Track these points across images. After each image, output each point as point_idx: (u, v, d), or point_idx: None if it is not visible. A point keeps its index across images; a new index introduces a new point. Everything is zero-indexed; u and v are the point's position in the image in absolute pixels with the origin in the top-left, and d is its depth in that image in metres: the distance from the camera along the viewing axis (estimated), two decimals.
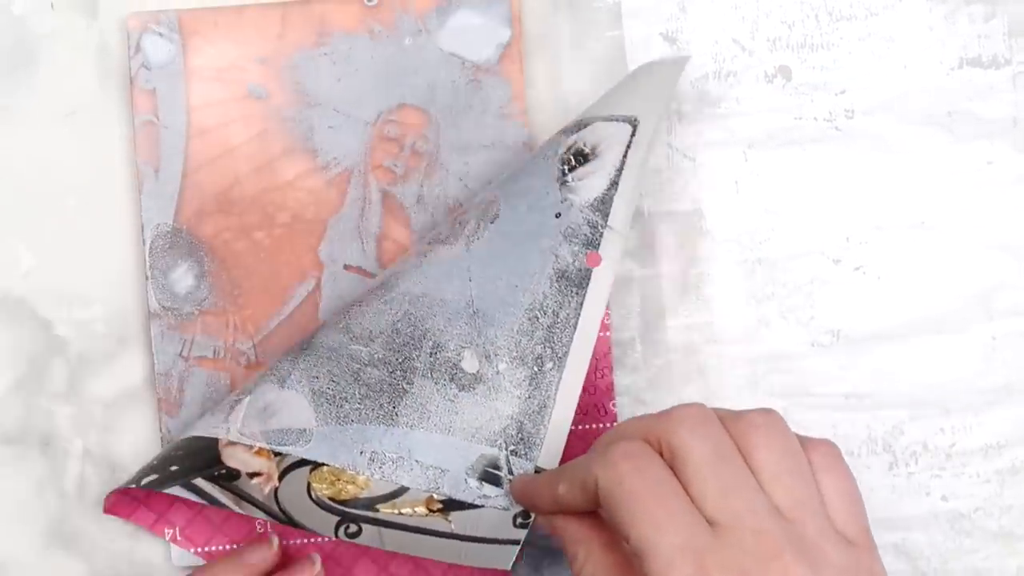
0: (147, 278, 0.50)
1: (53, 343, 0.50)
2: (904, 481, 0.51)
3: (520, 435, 0.45)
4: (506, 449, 0.45)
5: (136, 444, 0.50)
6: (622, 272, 0.51)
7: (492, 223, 0.46)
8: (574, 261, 0.46)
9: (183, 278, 0.50)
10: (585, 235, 0.46)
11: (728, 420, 0.38)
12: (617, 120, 0.47)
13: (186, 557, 0.49)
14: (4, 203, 0.50)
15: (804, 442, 0.39)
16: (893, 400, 0.51)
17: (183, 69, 0.50)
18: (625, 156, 0.46)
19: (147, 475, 0.45)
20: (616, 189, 0.46)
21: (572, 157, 0.47)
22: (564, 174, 0.46)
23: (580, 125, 0.47)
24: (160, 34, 0.50)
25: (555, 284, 0.46)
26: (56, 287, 0.50)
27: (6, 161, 0.50)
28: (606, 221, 0.46)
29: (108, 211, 0.50)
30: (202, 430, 0.46)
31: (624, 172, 0.46)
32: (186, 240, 0.50)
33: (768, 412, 0.39)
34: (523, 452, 0.45)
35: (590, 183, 0.46)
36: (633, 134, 0.47)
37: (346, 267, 0.50)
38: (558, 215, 0.46)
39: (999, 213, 0.51)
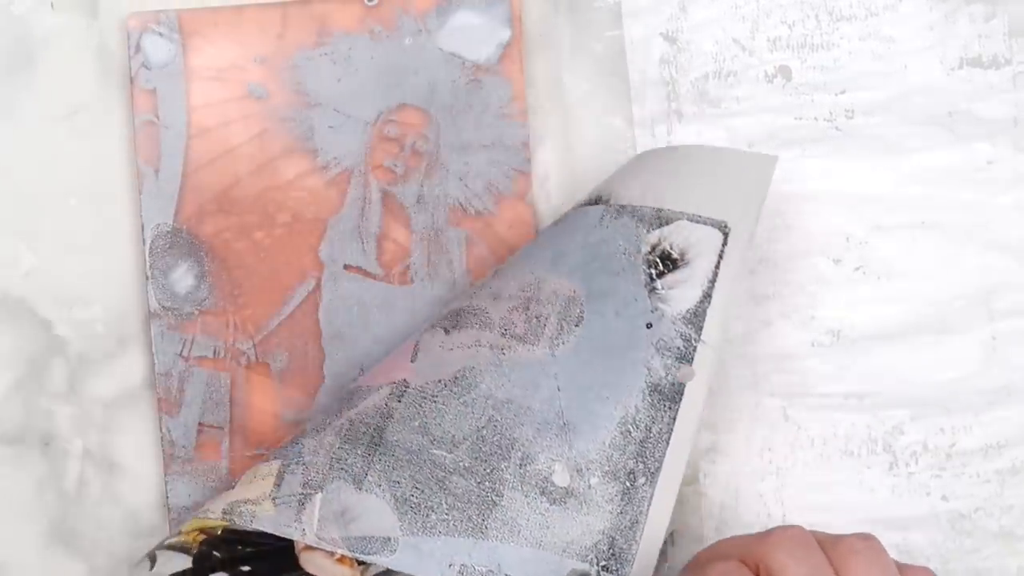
0: (147, 278, 0.50)
1: (53, 343, 0.50)
2: (904, 481, 0.51)
3: (612, 551, 0.44)
4: (597, 564, 0.44)
5: (136, 444, 0.50)
6: None
7: (577, 326, 0.45)
8: (667, 375, 0.44)
9: (183, 278, 0.50)
10: (678, 349, 0.45)
11: (827, 544, 0.38)
12: (705, 223, 0.45)
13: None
14: (4, 203, 0.50)
15: (902, 569, 0.39)
16: (893, 400, 0.51)
17: (183, 69, 0.50)
18: (718, 267, 0.45)
19: (212, 571, 0.43)
20: (709, 302, 0.45)
21: (659, 260, 0.45)
22: (652, 279, 0.45)
23: (661, 219, 0.46)
24: (160, 34, 0.50)
25: (648, 398, 0.44)
26: (56, 287, 0.50)
27: (6, 161, 0.50)
28: (699, 335, 0.45)
29: (108, 211, 0.50)
30: (271, 526, 0.43)
31: (717, 284, 0.45)
32: (186, 240, 0.50)
33: (867, 538, 0.39)
34: (615, 568, 0.44)
35: (682, 293, 0.45)
36: (725, 242, 0.45)
37: (346, 267, 0.50)
38: (649, 325, 0.45)
39: (999, 213, 0.51)
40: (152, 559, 0.45)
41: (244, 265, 0.50)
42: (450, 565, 0.43)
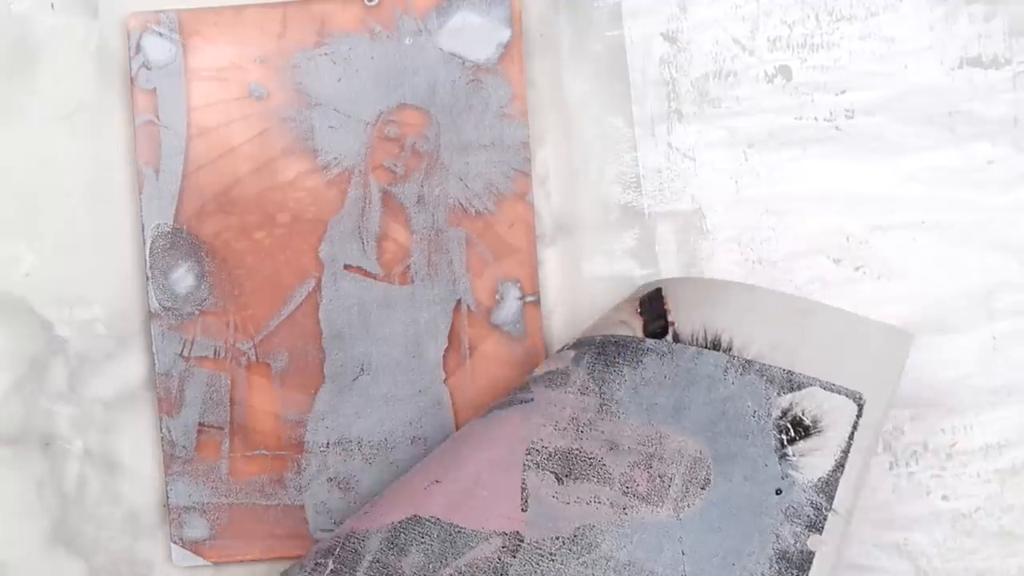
0: (147, 278, 0.50)
1: (53, 343, 0.50)
2: (905, 481, 0.51)
3: None
4: None
5: (136, 444, 0.50)
6: (622, 272, 0.51)
7: (703, 489, 0.44)
8: (795, 543, 0.43)
9: (183, 278, 0.50)
10: (808, 517, 0.43)
11: None
12: (840, 392, 0.44)
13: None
14: (4, 203, 0.50)
15: None
16: (893, 400, 0.51)
17: (183, 69, 0.50)
18: (851, 437, 0.44)
19: None
20: (842, 472, 0.44)
21: (791, 427, 0.44)
22: (783, 444, 0.44)
23: (792, 383, 0.45)
24: (160, 34, 0.50)
25: (775, 566, 0.43)
26: (56, 287, 0.50)
27: (6, 161, 0.50)
28: (831, 504, 0.43)
29: (108, 211, 0.51)
30: None
31: (851, 456, 0.44)
32: (186, 240, 0.50)
33: None
34: None
35: (814, 462, 0.44)
36: (859, 414, 0.44)
37: (346, 267, 0.50)
38: (779, 491, 0.44)
39: (999, 213, 0.51)
40: None
41: (244, 265, 0.50)
42: None
